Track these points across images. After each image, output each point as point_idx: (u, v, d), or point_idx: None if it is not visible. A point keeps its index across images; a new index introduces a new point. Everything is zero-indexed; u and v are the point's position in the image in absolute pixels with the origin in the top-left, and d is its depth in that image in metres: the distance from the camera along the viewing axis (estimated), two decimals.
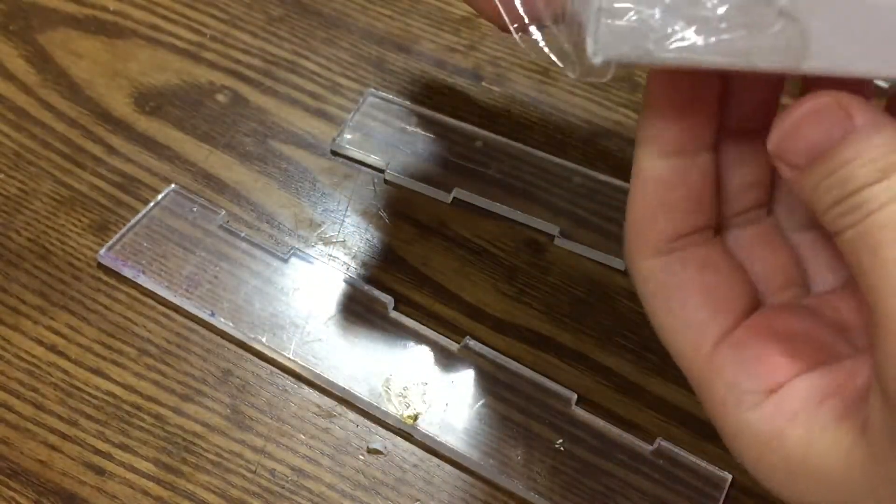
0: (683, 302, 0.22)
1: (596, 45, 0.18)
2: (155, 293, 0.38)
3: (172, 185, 0.42)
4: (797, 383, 0.20)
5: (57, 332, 0.37)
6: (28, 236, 0.40)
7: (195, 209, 0.41)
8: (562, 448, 0.35)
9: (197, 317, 0.38)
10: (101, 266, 0.39)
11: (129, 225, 0.40)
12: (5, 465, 0.34)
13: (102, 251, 0.39)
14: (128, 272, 0.39)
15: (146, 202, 0.41)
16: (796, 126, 0.19)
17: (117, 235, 0.40)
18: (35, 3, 0.50)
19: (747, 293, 0.23)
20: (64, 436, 0.34)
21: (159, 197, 0.41)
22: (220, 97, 0.46)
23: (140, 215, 0.40)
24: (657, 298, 0.22)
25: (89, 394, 0.36)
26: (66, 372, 0.36)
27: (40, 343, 0.37)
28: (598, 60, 0.18)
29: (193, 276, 0.39)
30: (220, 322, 0.37)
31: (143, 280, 0.38)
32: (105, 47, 0.48)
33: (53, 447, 0.34)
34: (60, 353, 0.37)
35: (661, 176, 0.21)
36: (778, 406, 0.20)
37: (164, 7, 0.51)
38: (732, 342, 0.21)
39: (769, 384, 0.20)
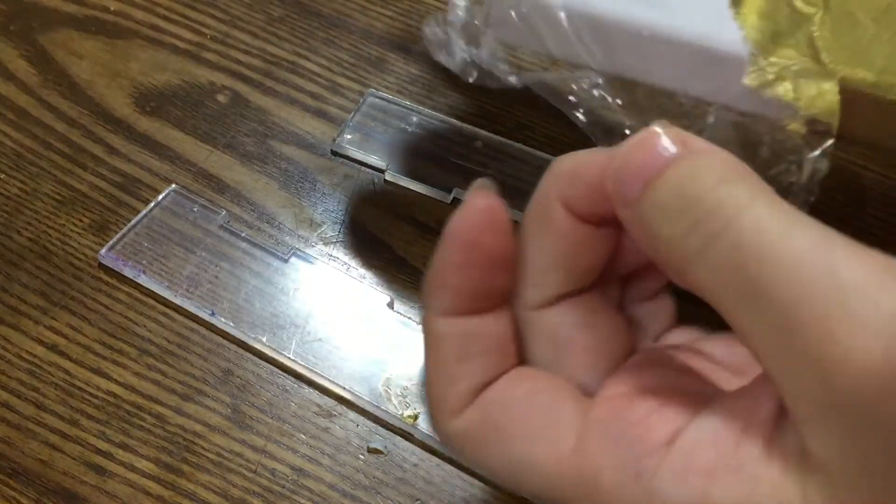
0: (522, 438, 0.19)
1: None
2: (155, 293, 0.38)
3: (173, 186, 0.42)
4: (693, 431, 0.17)
5: (58, 332, 0.37)
6: (29, 236, 0.40)
7: (196, 209, 0.41)
8: None
9: (197, 317, 0.38)
10: (101, 266, 0.39)
11: (129, 225, 0.40)
12: (6, 464, 0.34)
13: (103, 251, 0.39)
14: (129, 272, 0.39)
15: (147, 202, 0.41)
16: (628, 154, 0.18)
17: (118, 235, 0.40)
18: (36, 4, 0.50)
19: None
20: (65, 435, 0.35)
21: (160, 197, 0.41)
22: (221, 97, 0.46)
23: (141, 215, 0.41)
24: (486, 446, 0.20)
25: (90, 393, 0.36)
26: (66, 372, 0.36)
27: (41, 343, 0.37)
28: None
29: (194, 276, 0.39)
30: (221, 322, 0.37)
31: (143, 280, 0.38)
32: (105, 47, 0.48)
33: (54, 447, 0.34)
34: (61, 353, 0.37)
35: (457, 332, 0.20)
36: (687, 462, 0.17)
37: (165, 7, 0.51)
38: (595, 428, 0.19)
39: (661, 439, 0.17)
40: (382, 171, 0.43)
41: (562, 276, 0.21)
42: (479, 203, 0.20)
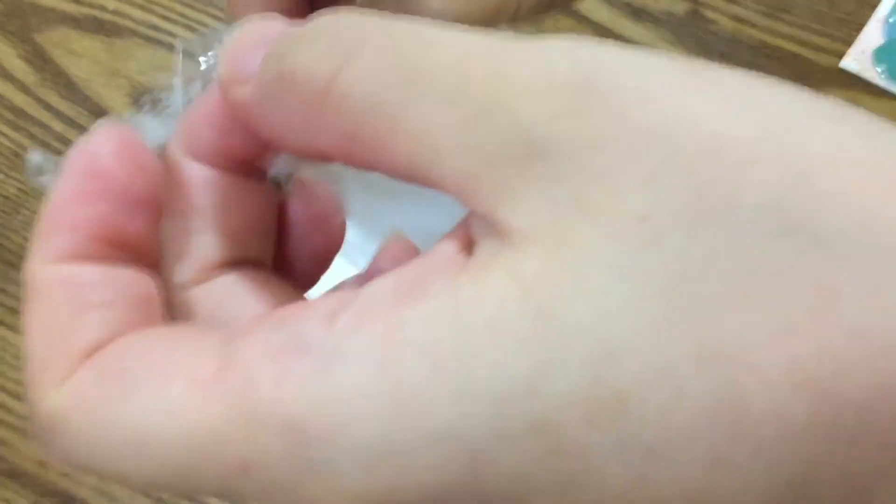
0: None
1: None
2: None
3: None
4: (371, 289, 0.14)
5: None
6: (27, 236, 0.40)
7: None
8: None
9: None
10: None
11: None
12: (5, 466, 0.34)
13: None
14: None
15: None
16: (241, 34, 0.16)
17: None
18: (33, 3, 0.50)
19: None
20: None
21: None
22: None
23: None
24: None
25: None
26: None
27: None
28: None
29: None
30: None
31: None
32: (103, 46, 0.48)
33: None
34: None
35: (72, 278, 0.16)
36: (365, 310, 0.13)
37: (163, 6, 0.50)
38: (242, 338, 0.14)
39: (325, 310, 0.14)
40: None
41: (213, 240, 0.18)
42: (109, 131, 0.16)
